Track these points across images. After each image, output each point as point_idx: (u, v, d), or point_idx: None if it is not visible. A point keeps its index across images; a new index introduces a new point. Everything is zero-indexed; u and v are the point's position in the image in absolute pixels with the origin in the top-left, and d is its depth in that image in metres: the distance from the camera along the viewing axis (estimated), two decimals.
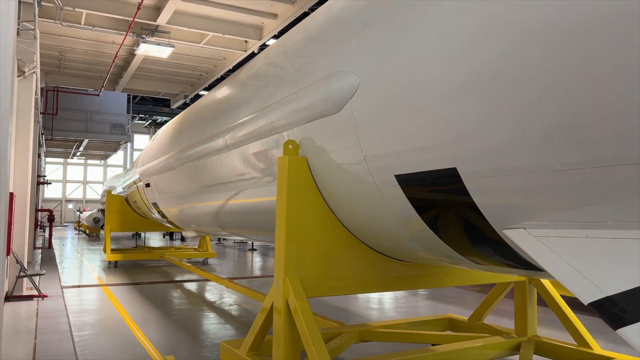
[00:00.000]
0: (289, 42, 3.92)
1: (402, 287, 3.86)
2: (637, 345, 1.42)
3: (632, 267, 1.60)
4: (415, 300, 7.80)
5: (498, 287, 4.46)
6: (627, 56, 1.47)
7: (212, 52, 11.53)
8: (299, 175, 3.16)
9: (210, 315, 6.48)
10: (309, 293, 3.17)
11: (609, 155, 1.62)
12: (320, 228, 3.25)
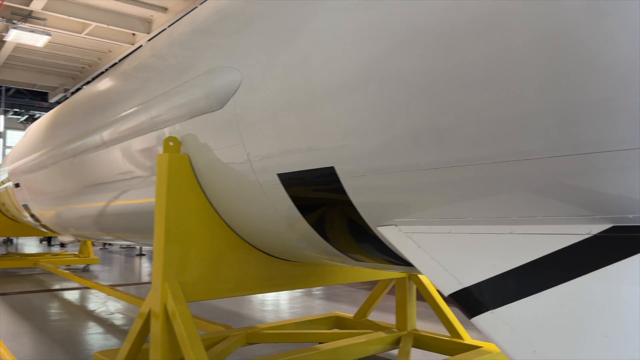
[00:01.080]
0: (175, 33, 3.76)
1: (290, 287, 3.87)
2: (485, 331, 1.53)
3: (487, 259, 1.72)
4: (309, 299, 7.89)
5: (381, 284, 4.64)
6: (485, 64, 1.57)
7: (96, 43, 10.80)
8: (180, 174, 3.03)
9: (89, 325, 6.03)
10: (192, 297, 3.06)
11: (467, 156, 1.73)
12: (203, 229, 3.14)
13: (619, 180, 1.42)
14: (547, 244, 1.60)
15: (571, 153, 1.45)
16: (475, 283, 1.67)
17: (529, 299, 1.51)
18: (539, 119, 1.48)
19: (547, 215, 1.65)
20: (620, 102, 1.32)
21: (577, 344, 1.33)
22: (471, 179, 1.77)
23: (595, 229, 1.54)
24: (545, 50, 1.42)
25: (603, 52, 1.31)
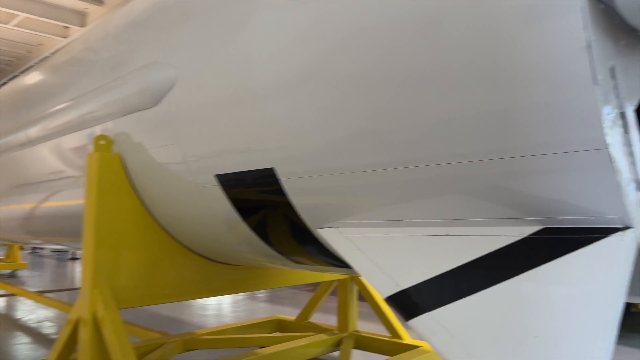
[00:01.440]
0: (110, 25, 3.58)
1: (230, 291, 3.78)
2: (422, 334, 1.53)
3: (423, 261, 1.73)
4: (252, 303, 7.78)
5: (323, 285, 4.63)
6: (421, 66, 1.57)
7: (25, 36, 10.18)
8: (112, 175, 2.88)
9: (15, 335, 5.65)
10: (125, 303, 2.91)
11: (405, 158, 1.73)
12: (136, 233, 3.00)
13: (549, 183, 1.46)
14: (481, 246, 1.62)
15: (504, 156, 1.48)
16: (412, 285, 1.67)
17: (464, 301, 1.53)
18: (474, 122, 1.50)
19: (482, 217, 1.68)
20: (551, 106, 1.35)
21: (509, 344, 1.35)
22: (409, 181, 1.77)
23: (527, 230, 1.57)
24: (480, 53, 1.43)
25: (536, 56, 1.34)
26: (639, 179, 1.44)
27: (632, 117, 1.44)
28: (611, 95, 1.34)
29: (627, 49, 1.42)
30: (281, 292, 8.88)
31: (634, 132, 1.45)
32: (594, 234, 1.43)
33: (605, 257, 1.37)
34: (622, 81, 1.38)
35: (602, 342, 1.23)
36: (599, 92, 1.28)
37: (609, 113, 1.32)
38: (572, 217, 1.48)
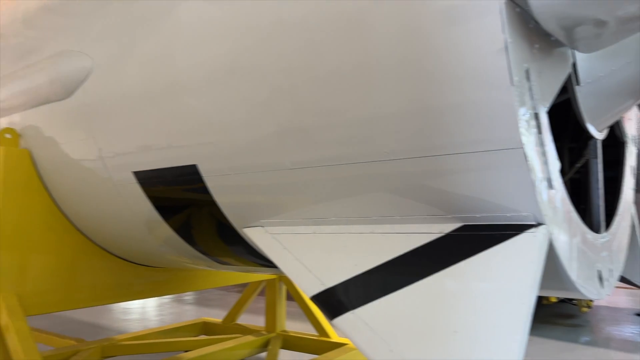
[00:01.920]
0: (19, 8, 3.29)
1: (152, 294, 3.61)
2: (345, 332, 1.51)
3: (349, 259, 1.72)
4: (178, 306, 7.53)
5: (251, 286, 4.56)
6: (347, 64, 1.56)
7: None
8: (19, 171, 2.66)
9: None
10: (35, 309, 2.70)
11: (331, 156, 1.71)
12: (47, 234, 2.79)
13: (468, 181, 1.50)
14: (404, 243, 1.63)
15: (426, 155, 1.50)
16: (337, 284, 1.66)
17: (387, 298, 1.53)
18: (398, 120, 1.50)
19: (405, 215, 1.70)
20: (470, 106, 1.38)
21: (430, 340, 1.36)
22: (335, 179, 1.76)
23: (448, 227, 1.60)
24: (403, 52, 1.44)
25: (457, 57, 1.36)
26: (550, 177, 1.51)
27: (545, 119, 1.51)
28: (526, 97, 1.39)
29: (541, 53, 1.48)
30: (209, 294, 8.66)
31: (547, 133, 1.51)
32: (509, 231, 1.48)
33: (520, 252, 1.42)
34: (536, 83, 1.44)
35: (517, 334, 1.28)
36: (515, 93, 1.32)
37: (524, 114, 1.37)
38: (490, 214, 1.52)
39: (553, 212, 1.52)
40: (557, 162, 1.57)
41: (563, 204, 1.62)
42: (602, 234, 2.10)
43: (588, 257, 1.85)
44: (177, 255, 2.82)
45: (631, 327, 6.57)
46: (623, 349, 5.55)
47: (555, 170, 1.56)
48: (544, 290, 1.75)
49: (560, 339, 5.93)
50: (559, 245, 1.53)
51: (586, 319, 6.98)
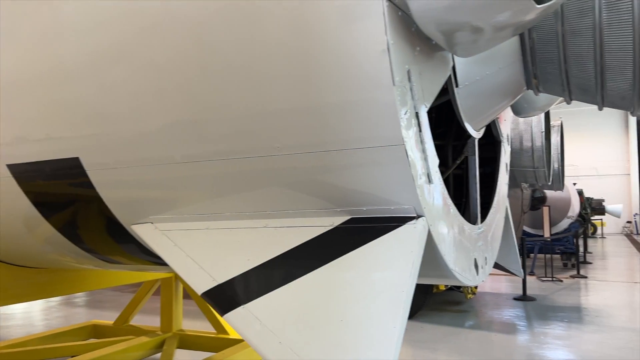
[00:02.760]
0: None
1: (34, 297, 3.33)
2: (236, 327, 1.51)
3: (241, 254, 1.71)
4: (67, 309, 7.03)
5: (145, 285, 4.37)
6: (239, 58, 1.54)
7: None
8: None
9: None
10: None
11: (222, 150, 1.69)
12: None
13: (355, 177, 1.56)
14: (296, 236, 1.66)
15: (315, 150, 1.53)
16: (229, 279, 1.64)
17: (278, 291, 1.55)
18: (288, 116, 1.52)
19: (298, 209, 1.72)
20: (356, 104, 1.43)
21: (317, 329, 1.40)
22: (227, 174, 1.74)
23: (337, 220, 1.66)
24: (294, 50, 1.46)
25: (344, 56, 1.41)
26: (430, 173, 1.62)
27: (426, 118, 1.61)
28: (407, 97, 1.47)
29: (422, 55, 1.58)
30: (102, 295, 8.19)
31: (427, 131, 1.62)
32: (392, 223, 1.56)
33: (401, 243, 1.51)
34: (417, 84, 1.53)
35: (397, 319, 1.35)
36: (396, 92, 1.39)
37: (406, 113, 1.45)
38: (375, 207, 1.60)
39: (432, 205, 1.63)
40: (436, 158, 1.68)
41: (442, 198, 1.74)
42: (478, 225, 2.28)
43: (465, 247, 2.01)
44: (60, 255, 2.63)
45: (510, 311, 7.22)
46: (502, 331, 6.09)
47: (435, 166, 1.67)
48: (424, 278, 1.87)
49: (448, 324, 6.37)
50: (437, 236, 1.64)
51: (471, 305, 7.56)
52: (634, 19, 1.62)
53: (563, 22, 1.80)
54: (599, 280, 10.08)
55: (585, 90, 1.94)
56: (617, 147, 27.85)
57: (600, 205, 21.82)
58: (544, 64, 1.93)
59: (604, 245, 19.47)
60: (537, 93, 2.13)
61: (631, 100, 1.85)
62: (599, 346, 5.25)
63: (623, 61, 1.73)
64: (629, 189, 27.18)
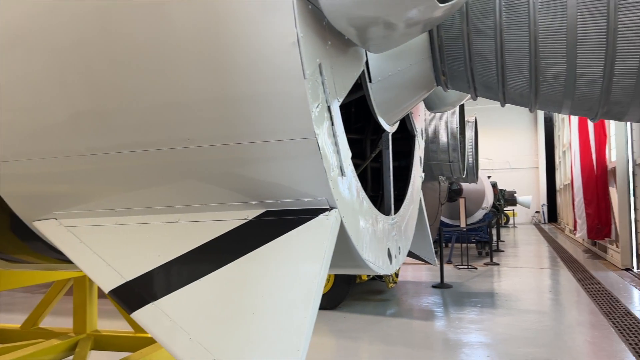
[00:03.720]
0: None
1: None
2: (145, 325, 1.47)
3: (152, 250, 1.66)
4: None
5: (56, 285, 4.13)
6: (146, 46, 1.48)
7: None
8: None
9: None
10: None
11: (131, 142, 1.62)
12: None
13: (269, 169, 1.55)
14: (209, 231, 1.63)
15: (228, 142, 1.51)
16: (137, 276, 1.59)
17: (190, 286, 1.52)
18: (199, 107, 1.49)
19: (212, 203, 1.70)
20: (269, 96, 1.43)
21: (229, 324, 1.39)
22: (136, 167, 1.68)
23: (252, 213, 1.65)
24: (205, 40, 1.42)
25: (255, 48, 1.39)
26: (342, 165, 1.65)
27: (338, 112, 1.63)
28: (319, 90, 1.48)
29: (334, 50, 1.60)
30: (10, 298, 7.63)
31: (339, 125, 1.64)
32: (305, 215, 1.58)
33: (314, 235, 1.53)
34: (329, 78, 1.55)
35: (307, 310, 1.37)
36: (308, 85, 1.40)
37: (318, 106, 1.47)
38: (289, 199, 1.60)
39: (344, 197, 1.66)
40: (348, 151, 1.71)
41: (355, 190, 1.78)
42: (392, 216, 2.36)
43: (377, 237, 2.07)
44: None
45: (429, 298, 7.55)
46: (422, 318, 6.36)
47: (347, 159, 1.70)
48: (339, 269, 1.91)
49: (371, 313, 6.56)
50: (350, 227, 1.68)
51: (393, 294, 7.83)
52: (530, 21, 1.74)
53: (468, 22, 1.89)
54: (510, 267, 10.79)
55: (489, 88, 2.06)
56: (527, 142, 29.85)
57: (512, 196, 23.36)
58: (452, 61, 2.03)
59: (515, 234, 20.84)
60: (446, 89, 2.23)
61: (528, 97, 1.98)
62: (507, 328, 5.62)
63: (521, 61, 1.85)
64: (538, 181, 29.26)
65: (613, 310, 6.22)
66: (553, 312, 6.53)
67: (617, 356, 4.58)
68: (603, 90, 1.79)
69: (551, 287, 8.48)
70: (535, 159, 29.43)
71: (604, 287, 7.84)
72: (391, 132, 2.40)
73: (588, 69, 1.75)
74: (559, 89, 1.86)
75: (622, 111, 1.87)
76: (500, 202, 20.89)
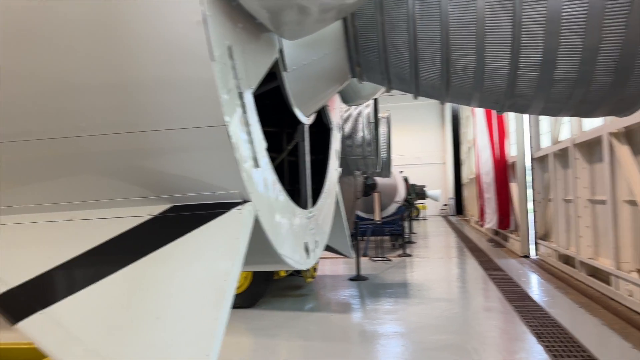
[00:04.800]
0: None
1: None
2: (32, 335, 1.30)
3: (42, 252, 1.48)
4: None
5: None
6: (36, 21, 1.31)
7: None
8: None
9: None
10: None
11: (14, 130, 1.43)
12: None
13: (175, 160, 1.43)
14: (107, 230, 1.48)
15: (127, 131, 1.37)
16: (24, 282, 1.40)
17: (86, 291, 1.36)
18: (96, 92, 1.34)
19: (111, 199, 1.54)
20: (172, 81, 1.31)
21: (130, 330, 1.26)
22: (22, 159, 1.48)
23: (157, 209, 1.52)
24: (99, 19, 1.27)
25: (155, 29, 1.27)
26: (256, 156, 1.56)
27: (251, 100, 1.55)
28: (229, 75, 1.39)
29: (246, 34, 1.51)
30: None
31: (252, 113, 1.56)
32: (217, 209, 1.47)
33: (226, 230, 1.43)
34: (241, 63, 1.46)
35: (218, 312, 1.27)
36: (216, 69, 1.30)
37: (228, 92, 1.37)
38: (199, 193, 1.49)
39: (259, 190, 1.58)
40: (263, 142, 1.63)
41: (270, 182, 1.71)
42: (309, 210, 2.31)
43: (294, 231, 2.01)
44: None
45: (346, 291, 7.65)
46: (339, 311, 6.42)
47: (262, 150, 1.62)
48: (255, 265, 1.83)
49: (289, 309, 6.51)
50: (265, 221, 1.60)
51: (311, 288, 7.84)
52: (441, 13, 1.76)
53: (382, 12, 1.88)
54: (422, 258, 11.23)
55: (402, 79, 2.07)
56: (436, 139, 31.33)
57: (423, 190, 24.41)
58: (366, 52, 2.01)
59: (426, 226, 21.80)
60: (362, 81, 2.21)
61: (440, 89, 2.01)
62: (420, 317, 5.82)
63: (433, 53, 1.87)
64: (445, 176, 30.82)
65: (515, 295, 6.66)
66: (462, 300, 6.87)
67: (520, 337, 4.90)
68: (509, 83, 1.85)
69: (459, 276, 8.93)
70: (443, 154, 30.96)
71: (507, 274, 8.38)
72: (308, 124, 2.35)
73: (495, 62, 1.79)
74: (469, 81, 1.90)
75: (526, 104, 1.95)
76: (411, 196, 21.74)
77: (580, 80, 1.75)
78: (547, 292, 6.95)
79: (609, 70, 1.70)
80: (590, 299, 6.25)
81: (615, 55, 1.67)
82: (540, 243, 9.67)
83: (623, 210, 5.83)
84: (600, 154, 6.31)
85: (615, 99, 1.81)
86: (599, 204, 6.70)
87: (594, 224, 6.89)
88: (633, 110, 1.89)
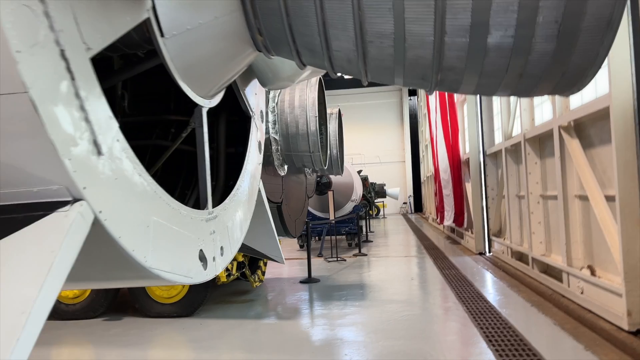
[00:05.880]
0: None
1: None
2: None
3: None
4: None
5: None
6: None
7: None
8: None
9: None
10: None
11: None
12: None
13: None
14: None
15: None
16: None
17: None
18: None
19: None
20: None
21: None
22: None
23: None
24: None
25: None
26: (97, 140, 1.17)
27: (87, 65, 1.16)
28: (40, 24, 1.00)
29: None
30: None
31: (91, 84, 1.17)
32: (35, 211, 1.08)
33: (40, 240, 1.04)
34: (65, 14, 1.07)
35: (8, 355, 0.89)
36: (7, 9, 0.91)
37: (35, 46, 0.98)
38: (10, 190, 1.10)
39: (103, 184, 1.19)
40: (112, 122, 1.24)
41: (127, 174, 1.32)
42: (208, 210, 1.93)
43: (180, 237, 1.63)
44: None
45: (296, 295, 7.28)
46: (287, 317, 6.04)
47: (110, 133, 1.23)
48: (108, 282, 1.44)
49: (233, 316, 6.09)
50: (115, 225, 1.21)
51: (258, 293, 7.43)
52: None
53: None
54: (377, 257, 10.99)
55: (314, 52, 1.71)
56: (395, 138, 31.40)
57: (382, 189, 24.36)
58: (267, 16, 1.64)
59: (385, 224, 21.67)
60: (269, 55, 1.85)
61: (357, 64, 1.67)
62: (369, 322, 5.51)
63: (343, 16, 1.53)
64: (404, 174, 30.93)
65: (467, 295, 6.45)
66: (414, 301, 6.62)
67: (469, 340, 4.65)
68: (435, 53, 1.52)
69: (414, 275, 8.70)
70: (402, 153, 31.04)
71: (461, 273, 8.20)
72: (207, 107, 1.96)
73: (417, 25, 1.46)
74: (389, 51, 1.56)
75: (457, 79, 1.63)
76: (371, 195, 21.60)
77: (517, 48, 1.44)
78: (500, 291, 6.79)
79: (551, 34, 1.39)
80: (542, 297, 6.10)
81: (557, 16, 1.36)
82: (494, 240, 9.57)
83: (574, 205, 5.70)
84: (551, 148, 6.18)
85: (558, 72, 1.51)
86: (550, 199, 6.58)
87: (546, 220, 6.77)
88: (580, 86, 1.60)
